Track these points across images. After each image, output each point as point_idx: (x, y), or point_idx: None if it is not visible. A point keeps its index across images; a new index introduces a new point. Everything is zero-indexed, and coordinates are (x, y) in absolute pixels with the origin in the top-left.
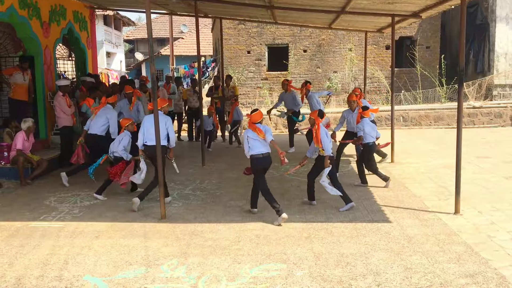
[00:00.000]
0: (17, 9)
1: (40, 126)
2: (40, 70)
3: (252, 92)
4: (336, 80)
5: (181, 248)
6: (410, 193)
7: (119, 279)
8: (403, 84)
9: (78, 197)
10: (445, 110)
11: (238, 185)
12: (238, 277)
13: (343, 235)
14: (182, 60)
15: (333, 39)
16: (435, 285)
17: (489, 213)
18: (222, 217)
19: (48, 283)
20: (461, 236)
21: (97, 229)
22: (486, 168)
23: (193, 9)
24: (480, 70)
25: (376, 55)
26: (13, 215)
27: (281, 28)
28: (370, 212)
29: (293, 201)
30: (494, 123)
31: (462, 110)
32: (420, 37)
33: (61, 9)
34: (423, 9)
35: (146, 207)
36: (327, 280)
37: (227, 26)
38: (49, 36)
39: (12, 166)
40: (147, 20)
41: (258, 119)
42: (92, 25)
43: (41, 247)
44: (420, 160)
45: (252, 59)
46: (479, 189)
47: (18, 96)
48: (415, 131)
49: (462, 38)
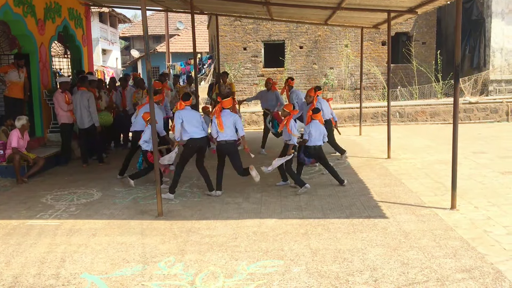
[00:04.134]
0: (12, 7)
1: (36, 124)
2: (36, 67)
3: (249, 89)
4: (333, 76)
5: (178, 245)
6: (407, 188)
7: (117, 277)
8: (399, 80)
9: (75, 195)
10: (441, 105)
11: (235, 182)
12: (236, 274)
13: (340, 231)
14: (178, 57)
15: (329, 35)
16: (431, 280)
17: (485, 208)
18: (219, 214)
19: (45, 281)
20: (458, 231)
21: (94, 227)
22: (482, 163)
23: (188, 5)
24: (476, 66)
25: (372, 51)
26: (9, 213)
27: (277, 25)
28: (366, 208)
29: (289, 197)
30: (490, 118)
31: (458, 105)
32: (416, 33)
33: (56, 6)
34: (419, 5)
35: (143, 204)
36: (324, 276)
37: (223, 23)
38: (44, 34)
39: (8, 164)
40: (143, 17)
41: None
42: (88, 22)
43: (38, 245)
44: (416, 156)
45: (248, 55)
46: (476, 184)
47: (14, 94)
48: (411, 127)
49: (458, 33)
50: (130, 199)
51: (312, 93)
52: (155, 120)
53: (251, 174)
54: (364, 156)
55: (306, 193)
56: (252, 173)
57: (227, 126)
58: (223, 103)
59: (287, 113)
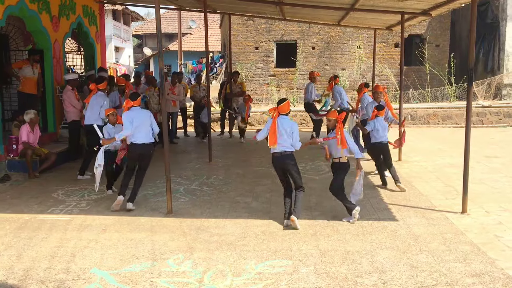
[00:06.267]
0: (27, 3)
1: (49, 120)
2: (49, 64)
3: (260, 89)
4: (344, 78)
5: (187, 243)
6: (417, 191)
7: (126, 273)
8: (411, 82)
9: (86, 191)
10: (454, 109)
11: (245, 181)
12: (244, 273)
13: (349, 233)
14: (190, 55)
15: (341, 36)
16: (441, 284)
17: (497, 213)
18: (228, 212)
19: (55, 275)
20: (468, 235)
21: (104, 223)
22: (495, 167)
23: (202, 4)
24: (490, 69)
25: (385, 52)
26: (21, 208)
27: (290, 25)
28: (376, 210)
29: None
30: (503, 122)
31: (471, 109)
32: (429, 35)
33: (71, 3)
34: (433, 7)
35: (153, 202)
36: (333, 277)
37: (236, 22)
38: (59, 30)
39: (20, 159)
40: (156, 15)
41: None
42: (101, 20)
43: (48, 239)
44: (427, 159)
45: (260, 55)
46: (487, 188)
47: (27, 89)
48: (423, 130)
49: (472, 36)
50: (140, 196)
51: (380, 89)
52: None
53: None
54: None
55: (315, 194)
56: None
57: (283, 135)
58: (279, 109)
59: (333, 121)
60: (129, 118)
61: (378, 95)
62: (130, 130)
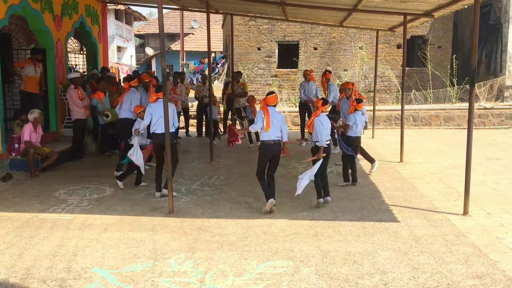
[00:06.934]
0: (30, 2)
1: (51, 119)
2: (52, 63)
3: (262, 89)
4: (346, 78)
5: (188, 243)
6: (419, 193)
7: (127, 272)
8: (413, 84)
9: (87, 190)
10: (456, 110)
11: (246, 181)
12: (245, 273)
13: (351, 234)
14: (192, 55)
15: (344, 37)
16: (442, 285)
17: (498, 215)
18: (229, 213)
19: (56, 274)
20: (470, 237)
21: (106, 222)
22: (496, 169)
23: (204, 4)
24: (492, 71)
25: (387, 53)
26: (23, 206)
27: (292, 25)
28: (378, 211)
29: (300, 198)
30: (505, 124)
31: (473, 110)
32: (432, 36)
33: (73, 2)
34: (435, 8)
35: (154, 201)
36: (334, 278)
37: (238, 23)
38: (61, 30)
39: (22, 158)
40: (159, 15)
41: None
42: (104, 19)
43: (50, 238)
44: (429, 160)
45: (262, 55)
46: (489, 190)
47: (30, 88)
48: (425, 131)
49: (475, 38)
50: (142, 196)
51: (351, 86)
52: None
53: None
54: (376, 159)
55: (315, 194)
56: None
57: (274, 125)
58: (267, 100)
59: (315, 108)
60: (150, 110)
61: (347, 91)
62: (149, 119)
